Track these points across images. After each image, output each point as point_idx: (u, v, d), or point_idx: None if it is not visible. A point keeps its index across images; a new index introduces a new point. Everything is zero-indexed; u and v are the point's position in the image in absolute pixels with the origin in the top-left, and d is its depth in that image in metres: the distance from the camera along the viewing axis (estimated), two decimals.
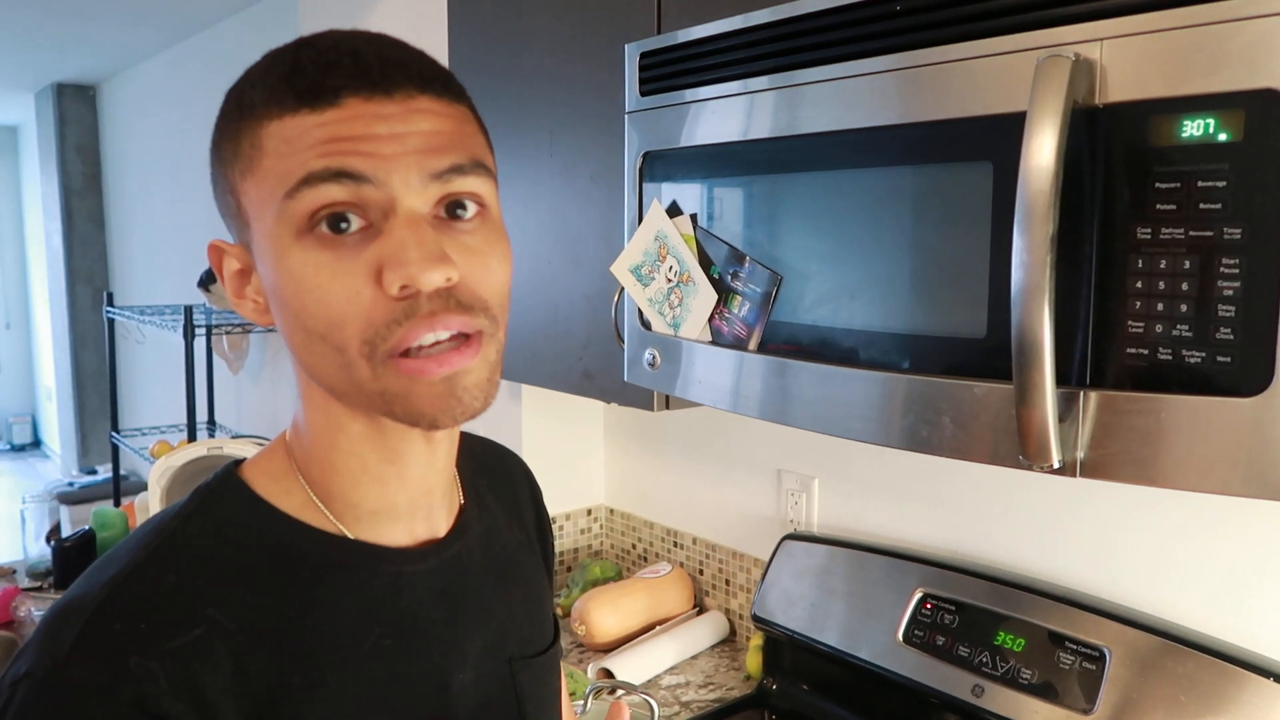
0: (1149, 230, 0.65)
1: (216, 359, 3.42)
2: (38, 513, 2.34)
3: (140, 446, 3.29)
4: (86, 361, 5.02)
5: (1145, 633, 1.03)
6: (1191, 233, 0.63)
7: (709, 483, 1.70)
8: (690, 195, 1.02)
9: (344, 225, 0.51)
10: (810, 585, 1.38)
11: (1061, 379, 0.68)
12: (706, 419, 1.68)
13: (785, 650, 1.43)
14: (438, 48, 1.59)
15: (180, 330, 2.76)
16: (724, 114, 0.96)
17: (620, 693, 1.32)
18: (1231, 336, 0.62)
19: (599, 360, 1.31)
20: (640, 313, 1.10)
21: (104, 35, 3.70)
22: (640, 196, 1.09)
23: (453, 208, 0.54)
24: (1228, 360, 0.62)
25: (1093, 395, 0.68)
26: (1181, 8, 0.62)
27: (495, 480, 0.74)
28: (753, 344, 0.95)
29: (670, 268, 1.04)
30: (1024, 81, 0.67)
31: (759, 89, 0.92)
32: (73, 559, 1.91)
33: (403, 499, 0.60)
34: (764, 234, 0.94)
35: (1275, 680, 0.94)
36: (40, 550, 2.09)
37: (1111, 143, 0.66)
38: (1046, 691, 1.07)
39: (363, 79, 0.51)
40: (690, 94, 1.00)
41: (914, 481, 1.36)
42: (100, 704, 0.48)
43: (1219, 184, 0.61)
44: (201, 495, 0.58)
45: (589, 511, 1.94)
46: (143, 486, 3.31)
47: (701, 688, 1.48)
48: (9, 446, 6.74)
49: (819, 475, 1.50)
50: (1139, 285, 0.66)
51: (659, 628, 1.60)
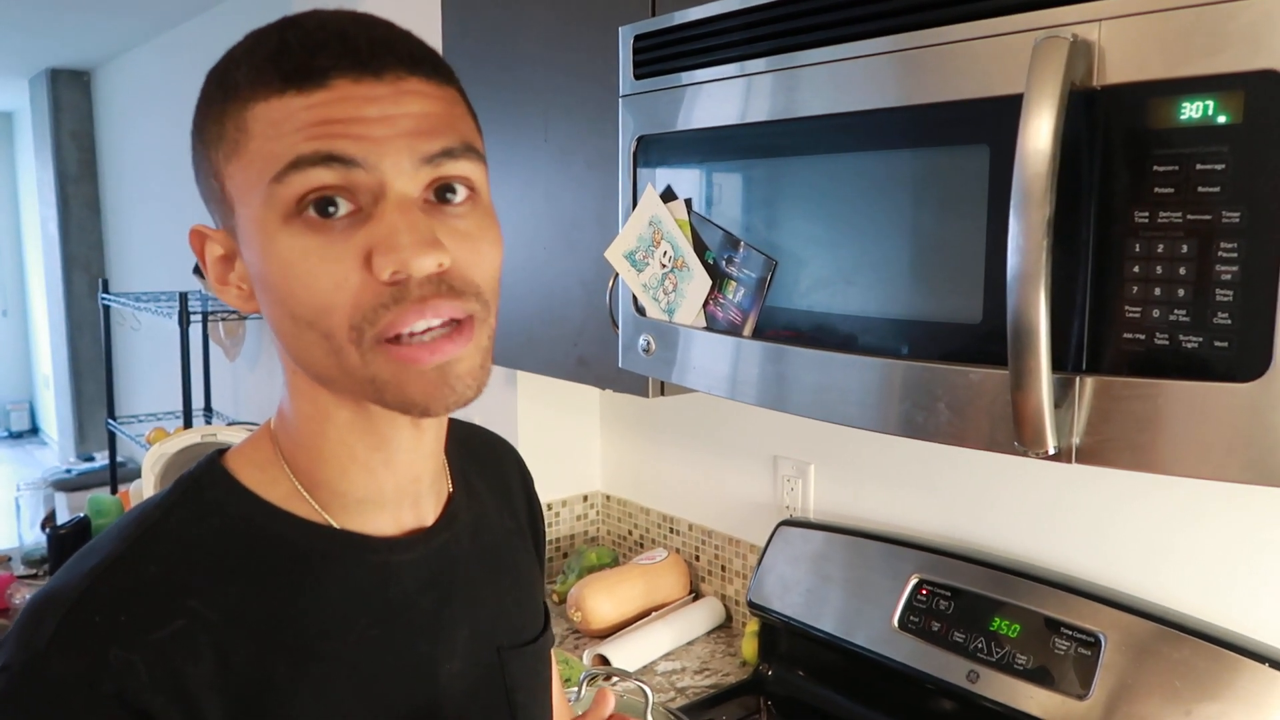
0: (1147, 214, 0.64)
1: (213, 346, 3.42)
2: (33, 500, 2.34)
3: (137, 433, 3.29)
4: (84, 348, 5.01)
5: (1140, 618, 1.03)
6: (1190, 216, 0.62)
7: (705, 469, 1.70)
8: (685, 180, 1.01)
9: (332, 209, 0.50)
10: (806, 571, 1.38)
11: (1057, 364, 0.67)
12: (702, 405, 1.68)
13: (781, 636, 1.43)
14: (431, 34, 1.57)
15: (176, 317, 2.76)
16: (719, 97, 0.95)
17: (615, 679, 1.32)
18: (1229, 321, 0.61)
19: (594, 346, 1.31)
20: (635, 299, 1.09)
21: (98, 20, 3.68)
22: (635, 181, 1.08)
23: (442, 191, 0.53)
24: (1225, 345, 0.61)
25: (1089, 381, 0.68)
26: None
27: (485, 467, 0.73)
28: (748, 330, 0.95)
29: (665, 253, 1.03)
30: (1021, 63, 0.66)
31: (755, 71, 0.91)
32: (68, 546, 1.91)
33: (390, 487, 0.59)
34: (759, 219, 0.93)
35: (1270, 665, 0.94)
36: (36, 537, 2.10)
37: (1110, 125, 0.65)
38: (1042, 677, 1.07)
39: (351, 60, 0.50)
40: (685, 77, 0.99)
41: (910, 467, 1.36)
42: (80, 697, 0.47)
43: (1218, 167, 0.61)
44: (184, 485, 0.57)
45: (585, 498, 1.94)
46: (140, 473, 3.31)
47: (697, 674, 1.48)
48: (7, 433, 6.74)
49: (815, 461, 1.50)
50: (1136, 270, 0.65)
51: (655, 614, 1.60)
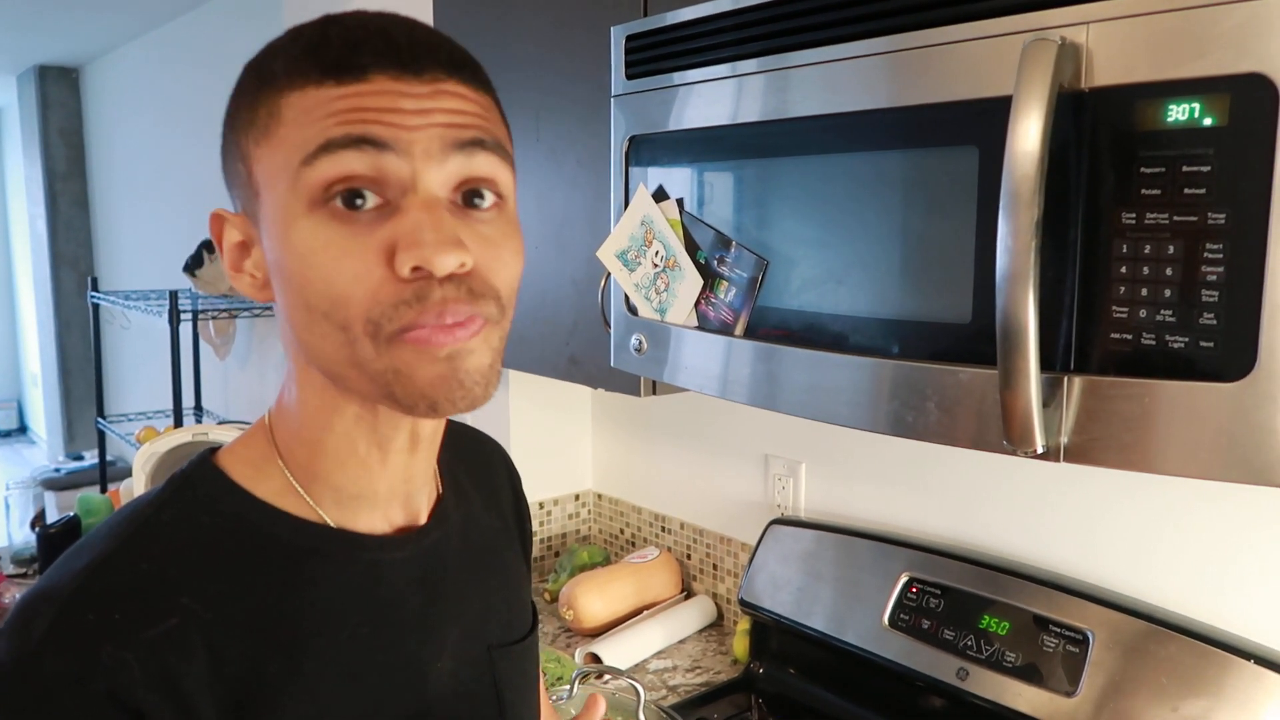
0: (1134, 215, 0.65)
1: (203, 344, 3.41)
2: (22, 499, 2.33)
3: (127, 432, 3.28)
4: (72, 347, 4.98)
5: (1128, 616, 1.04)
6: (1176, 218, 0.63)
7: (697, 468, 1.70)
8: (677, 180, 1.01)
9: (359, 201, 0.50)
10: (797, 570, 1.38)
11: (1046, 364, 0.68)
12: (694, 404, 1.68)
13: (772, 634, 1.43)
14: None
15: (166, 315, 2.75)
16: (711, 97, 0.96)
17: (607, 677, 1.32)
18: (1215, 321, 0.62)
19: (586, 346, 1.31)
20: (627, 298, 1.09)
21: (87, 17, 3.66)
22: (626, 181, 1.08)
23: (470, 196, 0.53)
24: (1211, 345, 0.62)
25: (1077, 380, 0.68)
26: None
27: (474, 468, 0.73)
28: (739, 329, 0.95)
29: (656, 253, 1.03)
30: (1010, 65, 0.67)
31: (746, 72, 0.91)
32: (57, 546, 1.90)
33: (383, 485, 0.59)
34: (750, 219, 0.93)
35: (1255, 662, 0.94)
36: (25, 537, 2.09)
37: (1097, 127, 0.66)
38: (1030, 674, 1.08)
39: (392, 58, 0.50)
40: (677, 77, 0.99)
41: (900, 466, 1.37)
42: (72, 695, 0.47)
43: (1204, 169, 0.61)
44: (176, 483, 0.57)
45: (577, 497, 1.94)
46: (130, 473, 3.29)
47: (689, 672, 1.48)
48: None
49: (806, 460, 1.51)
50: (1123, 270, 0.65)
51: (646, 612, 1.61)
